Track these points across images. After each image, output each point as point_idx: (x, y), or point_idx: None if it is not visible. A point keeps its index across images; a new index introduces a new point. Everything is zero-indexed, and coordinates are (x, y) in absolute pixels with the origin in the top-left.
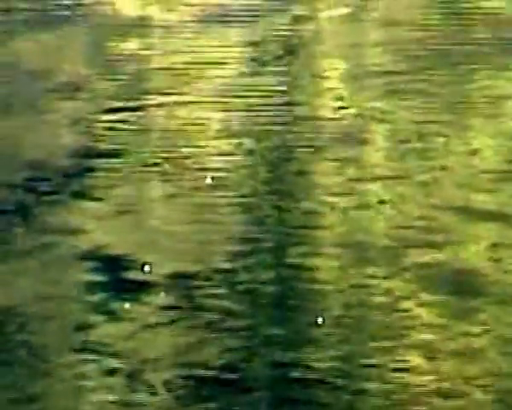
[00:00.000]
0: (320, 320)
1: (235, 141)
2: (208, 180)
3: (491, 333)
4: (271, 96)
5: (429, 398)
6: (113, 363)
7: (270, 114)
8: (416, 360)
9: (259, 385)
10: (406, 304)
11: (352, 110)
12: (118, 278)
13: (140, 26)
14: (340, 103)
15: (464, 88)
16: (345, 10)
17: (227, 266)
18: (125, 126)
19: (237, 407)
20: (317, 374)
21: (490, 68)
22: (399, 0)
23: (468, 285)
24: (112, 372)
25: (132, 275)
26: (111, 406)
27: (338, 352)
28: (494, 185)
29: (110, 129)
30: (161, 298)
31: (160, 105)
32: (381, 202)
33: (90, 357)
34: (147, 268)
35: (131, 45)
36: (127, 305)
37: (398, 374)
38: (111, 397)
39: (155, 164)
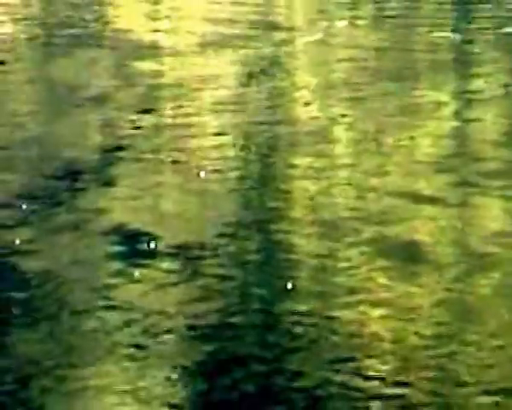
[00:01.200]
0: (290, 286)
1: (229, 139)
2: (202, 174)
3: (430, 293)
4: (257, 103)
5: (381, 342)
6: (131, 315)
7: (257, 117)
8: (371, 313)
9: (246, 326)
10: (364, 269)
11: (320, 114)
12: (134, 248)
13: (153, 48)
14: (311, 108)
15: (409, 96)
16: (315, 36)
17: (220, 239)
18: (142, 128)
19: (229, 344)
20: (292, 322)
21: (430, 82)
22: (359, 28)
23: (411, 254)
24: (130, 323)
25: (146, 246)
26: (130, 349)
27: (309, 305)
28: (432, 174)
29: (130, 130)
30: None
31: (169, 111)
32: (344, 187)
33: (113, 311)
34: (152, 244)
35: (146, 64)
36: (141, 270)
37: (358, 324)
38: (130, 342)
39: (167, 157)
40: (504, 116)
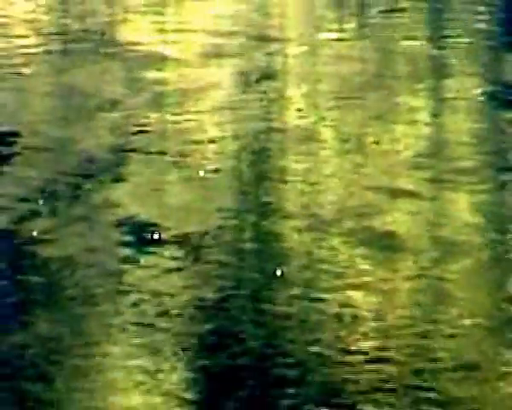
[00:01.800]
0: (279, 272)
1: (227, 140)
2: (201, 173)
3: (406, 277)
4: (253, 109)
5: (363, 321)
6: (139, 296)
7: (252, 120)
8: (354, 295)
9: (241, 307)
10: (346, 257)
11: (309, 119)
12: (142, 237)
13: (159, 59)
14: (300, 114)
15: (388, 102)
16: (305, 48)
17: (219, 229)
18: (149, 130)
19: (226, 323)
20: (282, 303)
21: (407, 88)
22: (344, 40)
23: (389, 243)
24: (138, 304)
25: (152, 235)
26: (139, 327)
27: (298, 288)
28: (408, 171)
29: (139, 132)
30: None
31: (174, 115)
32: (329, 183)
33: (123, 293)
34: (158, 234)
35: (153, 73)
36: (148, 256)
37: (341, 306)
38: (138, 321)
39: (171, 157)
40: (473, 120)
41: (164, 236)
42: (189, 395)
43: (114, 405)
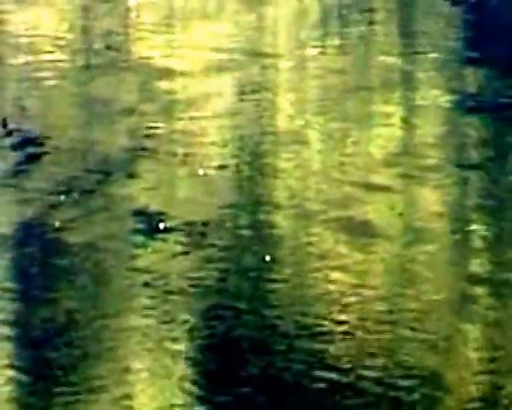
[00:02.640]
0: (268, 258)
1: (227, 142)
2: (201, 171)
3: (380, 259)
4: (249, 115)
5: (342, 296)
6: (150, 276)
7: (248, 124)
8: (335, 275)
9: (237, 286)
10: (329, 242)
11: (297, 123)
12: (153, 225)
13: (168, 71)
14: (290, 119)
15: (365, 108)
16: (293, 62)
17: (219, 218)
18: (159, 133)
19: (224, 299)
20: (273, 280)
21: (381, 96)
22: (327, 55)
23: (366, 230)
24: (149, 284)
25: (162, 224)
26: (150, 301)
27: (287, 269)
28: (381, 168)
29: (150, 135)
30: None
31: (180, 120)
32: (314, 178)
33: (136, 273)
34: (167, 222)
35: (162, 84)
36: (158, 242)
37: (324, 284)
38: (149, 295)
39: (178, 157)
40: (438, 124)
41: (171, 224)
42: (193, 356)
43: (128, 367)
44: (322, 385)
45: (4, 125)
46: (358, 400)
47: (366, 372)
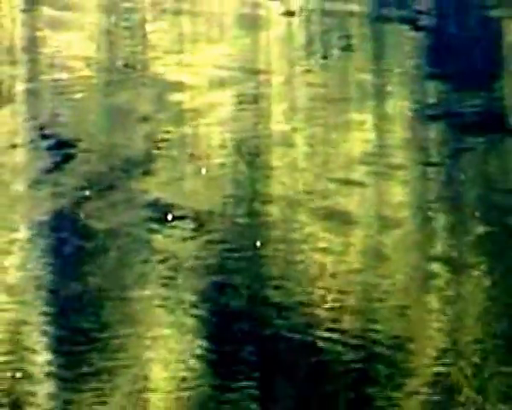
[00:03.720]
0: (258, 244)
1: (228, 143)
2: (203, 171)
3: (355, 242)
4: (247, 121)
5: (323, 271)
6: (163, 256)
7: (246, 130)
8: (317, 255)
9: (234, 264)
10: (309, 228)
11: (287, 128)
12: (166, 214)
13: (179, 85)
14: (281, 125)
15: (343, 116)
16: (283, 77)
17: (221, 208)
18: (171, 137)
19: (225, 275)
20: (264, 261)
21: (356, 106)
22: (312, 72)
23: (343, 218)
24: (163, 261)
25: (173, 213)
26: (162, 279)
27: (277, 251)
28: (357, 166)
29: (164, 138)
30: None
31: (189, 125)
32: (300, 174)
33: (151, 254)
34: (177, 211)
35: (174, 95)
36: (170, 228)
37: (308, 261)
38: (161, 274)
39: (187, 157)
40: (404, 129)
41: (181, 212)
42: (199, 315)
43: (148, 326)
44: (306, 341)
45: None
46: (336, 355)
47: (343, 337)
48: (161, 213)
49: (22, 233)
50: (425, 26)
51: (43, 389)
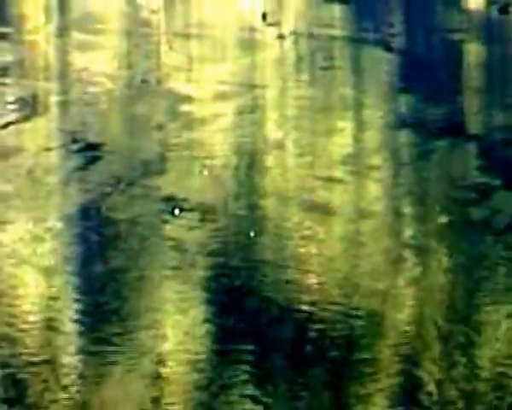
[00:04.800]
0: (252, 234)
1: (230, 147)
2: (205, 172)
3: (336, 230)
4: (246, 129)
5: (308, 256)
6: (174, 243)
7: (245, 136)
8: (302, 242)
9: (233, 251)
10: (297, 219)
11: (279, 134)
12: (177, 207)
13: (187, 98)
14: (274, 131)
15: (327, 124)
16: (276, 91)
17: (223, 202)
18: (181, 142)
19: (226, 259)
20: (257, 248)
21: (337, 116)
22: (300, 89)
23: (326, 210)
24: (174, 246)
25: (183, 205)
26: (173, 262)
27: (270, 238)
28: (337, 166)
29: (175, 143)
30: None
31: (196, 132)
32: (291, 173)
33: (164, 241)
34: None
35: (183, 107)
36: (180, 219)
37: (294, 247)
38: (173, 257)
39: (194, 159)
40: (378, 135)
41: (189, 205)
42: (202, 297)
43: (157, 304)
44: (295, 310)
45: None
46: (319, 323)
47: (325, 307)
48: (171, 205)
49: (54, 223)
50: (396, 47)
51: (72, 347)
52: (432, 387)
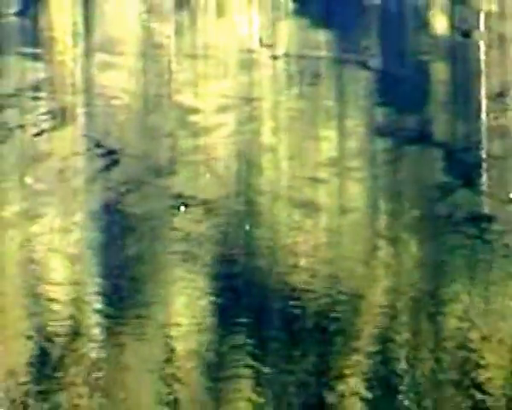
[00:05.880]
0: (247, 227)
1: (230, 152)
2: (208, 175)
3: (321, 222)
4: (245, 136)
5: (296, 247)
6: (181, 234)
7: (244, 142)
8: (291, 234)
9: (233, 243)
10: (288, 213)
11: (273, 140)
12: (184, 202)
13: (194, 109)
14: (268, 137)
15: (314, 131)
16: (270, 104)
17: (224, 197)
18: (189, 147)
19: (227, 250)
20: (253, 240)
21: (322, 126)
22: (290, 101)
23: (312, 206)
24: (182, 237)
25: (189, 202)
26: (181, 250)
27: (265, 231)
28: (323, 168)
29: (183, 148)
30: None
31: (202, 139)
32: (284, 174)
33: (172, 232)
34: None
35: (191, 117)
36: (187, 213)
37: (282, 238)
38: (181, 246)
39: (200, 162)
40: (359, 141)
41: (195, 201)
42: (207, 282)
43: (168, 287)
44: (287, 291)
45: None
46: (308, 301)
47: (313, 288)
48: (179, 202)
49: (80, 217)
50: (373, 66)
51: (96, 324)
52: (403, 342)
